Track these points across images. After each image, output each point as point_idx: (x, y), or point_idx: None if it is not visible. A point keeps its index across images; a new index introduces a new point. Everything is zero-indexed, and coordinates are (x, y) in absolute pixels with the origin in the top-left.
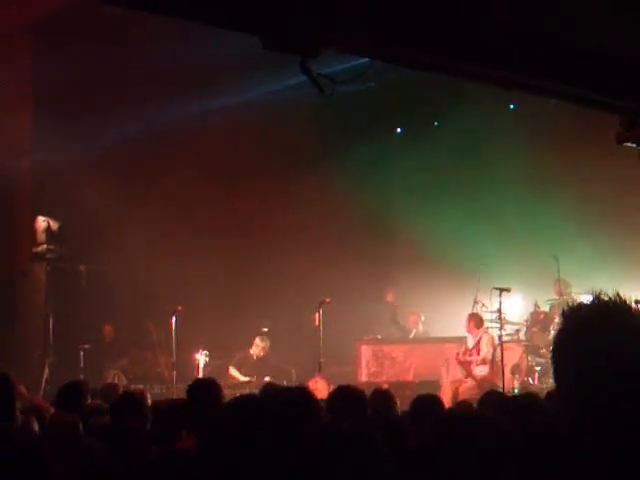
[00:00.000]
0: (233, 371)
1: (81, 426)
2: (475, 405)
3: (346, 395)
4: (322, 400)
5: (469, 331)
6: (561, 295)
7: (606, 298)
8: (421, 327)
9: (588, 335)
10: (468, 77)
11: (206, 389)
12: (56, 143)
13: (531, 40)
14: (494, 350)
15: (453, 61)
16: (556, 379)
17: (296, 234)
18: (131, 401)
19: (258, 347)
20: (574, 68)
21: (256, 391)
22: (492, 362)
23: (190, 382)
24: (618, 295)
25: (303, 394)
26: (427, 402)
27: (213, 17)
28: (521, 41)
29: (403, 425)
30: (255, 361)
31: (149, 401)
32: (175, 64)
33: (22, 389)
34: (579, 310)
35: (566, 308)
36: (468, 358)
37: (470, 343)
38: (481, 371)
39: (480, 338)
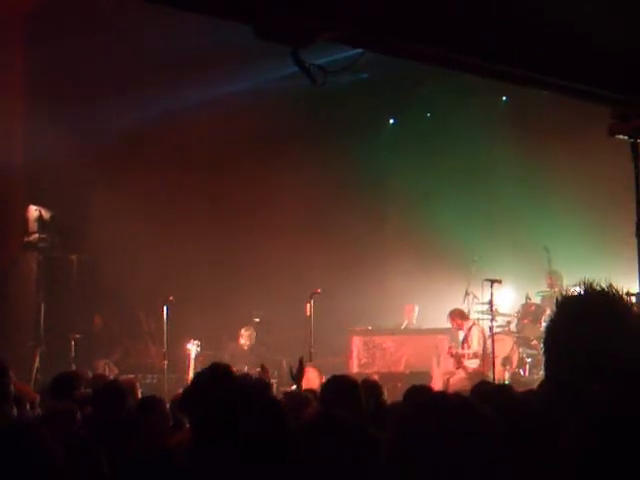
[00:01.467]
0: None
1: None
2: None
3: (340, 385)
4: (314, 390)
5: (458, 327)
6: (552, 287)
7: (598, 288)
8: (414, 319)
9: (581, 322)
10: (462, 69)
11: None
12: (48, 132)
13: (525, 32)
14: (484, 342)
15: (447, 53)
16: (547, 365)
17: (287, 224)
18: (113, 392)
19: (244, 336)
20: (568, 60)
21: None
22: (483, 354)
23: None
24: (610, 285)
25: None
26: (420, 393)
27: (206, 6)
28: (515, 33)
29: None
30: (246, 352)
31: (139, 391)
32: (166, 53)
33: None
34: (572, 299)
35: (559, 298)
36: (460, 351)
37: (461, 336)
38: (472, 364)
39: (470, 330)
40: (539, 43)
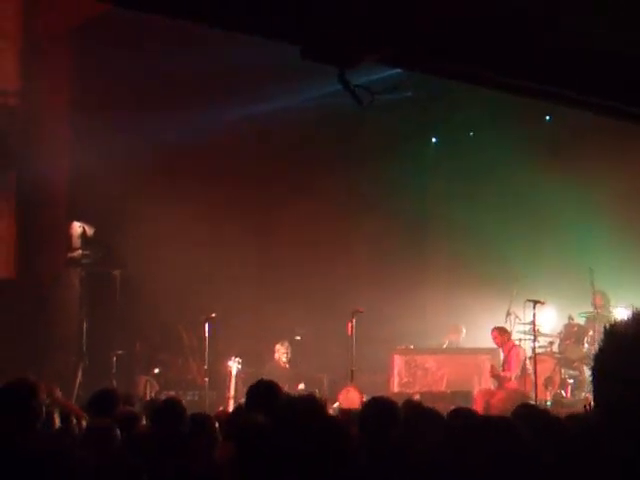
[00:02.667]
0: None
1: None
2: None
3: (379, 407)
4: (354, 410)
5: (499, 345)
6: (598, 308)
7: None
8: (461, 339)
9: (630, 355)
10: (506, 90)
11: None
12: (93, 148)
13: (571, 53)
14: (524, 366)
15: (491, 74)
16: (596, 394)
17: (331, 241)
18: (172, 409)
19: (279, 352)
20: (615, 81)
21: None
22: (523, 375)
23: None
24: None
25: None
26: (463, 416)
27: (255, 27)
28: (561, 54)
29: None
30: (286, 369)
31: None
32: (213, 70)
33: (57, 393)
34: (621, 329)
35: (607, 326)
36: (501, 373)
37: (501, 355)
38: (512, 385)
39: (510, 352)
40: (586, 64)
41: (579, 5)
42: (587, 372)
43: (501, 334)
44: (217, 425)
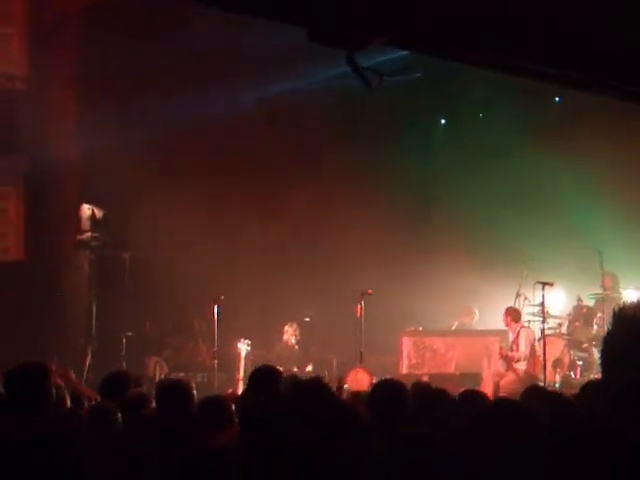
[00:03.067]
0: None
1: (119, 415)
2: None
3: (388, 389)
4: (363, 392)
5: (507, 325)
6: (608, 289)
7: None
8: (474, 321)
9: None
10: (516, 73)
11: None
12: (102, 131)
13: (582, 38)
14: (533, 346)
15: (502, 57)
16: (604, 376)
17: (339, 223)
18: (178, 391)
19: (288, 333)
20: (625, 65)
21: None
22: (532, 356)
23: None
24: None
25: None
26: (473, 398)
27: (261, 9)
28: (571, 39)
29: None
30: (295, 351)
31: (194, 390)
32: (226, 52)
33: (71, 375)
34: (629, 313)
35: (616, 309)
36: (510, 354)
37: (510, 337)
38: (520, 366)
39: (518, 333)
40: (597, 49)
41: None
42: (596, 354)
43: (512, 315)
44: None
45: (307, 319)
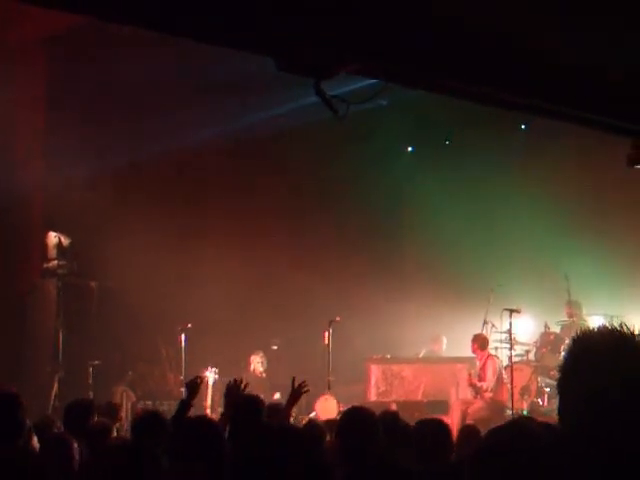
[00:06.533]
0: None
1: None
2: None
3: (357, 417)
4: (331, 420)
5: (474, 352)
6: (572, 317)
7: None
8: (443, 349)
9: (600, 360)
10: (481, 101)
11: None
12: (68, 158)
13: (545, 66)
14: (500, 376)
15: (465, 85)
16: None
17: (306, 252)
18: (153, 420)
19: (255, 362)
20: (587, 93)
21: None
22: (500, 384)
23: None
24: (625, 325)
25: None
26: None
27: (229, 40)
28: (535, 67)
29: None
30: (263, 379)
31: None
32: (194, 78)
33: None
34: (591, 336)
35: (578, 333)
36: (478, 383)
37: (477, 365)
38: (487, 395)
39: (485, 363)
40: (560, 77)
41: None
42: None
43: (479, 342)
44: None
45: (274, 347)
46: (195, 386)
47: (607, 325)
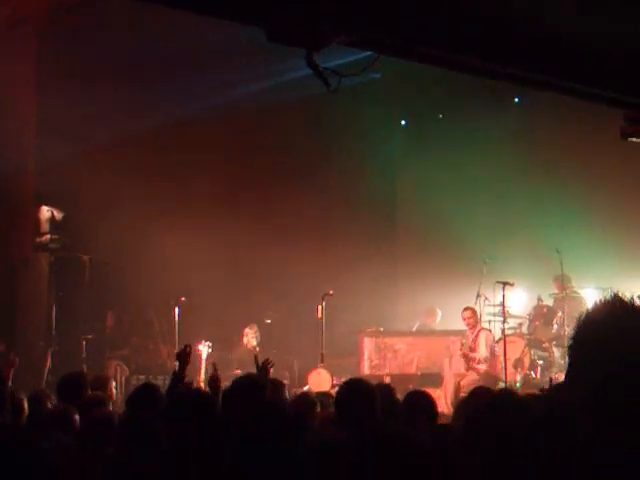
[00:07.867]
0: None
1: (77, 417)
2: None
3: (355, 389)
4: (325, 392)
5: (467, 325)
6: (562, 290)
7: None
8: (437, 322)
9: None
10: (476, 73)
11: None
12: (61, 132)
13: (537, 37)
14: (492, 348)
15: (461, 57)
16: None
17: (300, 226)
18: (148, 394)
19: (248, 335)
20: (580, 64)
21: None
22: (492, 357)
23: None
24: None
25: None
26: (416, 397)
27: (218, 9)
28: (527, 38)
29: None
30: (256, 352)
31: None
32: (185, 51)
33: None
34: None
35: (581, 316)
36: (471, 354)
37: (470, 338)
38: (481, 367)
39: (477, 336)
40: (553, 48)
41: None
42: (556, 353)
43: (472, 315)
44: None
45: (268, 321)
46: (185, 356)
47: (616, 297)
